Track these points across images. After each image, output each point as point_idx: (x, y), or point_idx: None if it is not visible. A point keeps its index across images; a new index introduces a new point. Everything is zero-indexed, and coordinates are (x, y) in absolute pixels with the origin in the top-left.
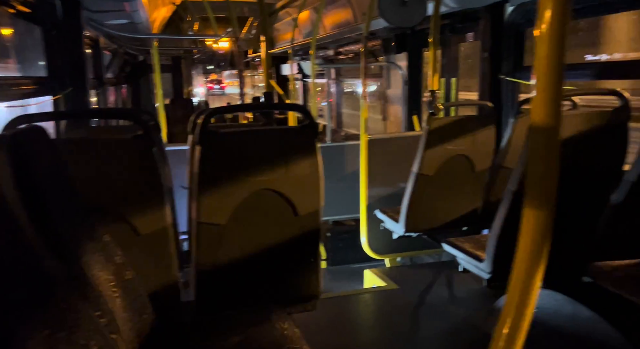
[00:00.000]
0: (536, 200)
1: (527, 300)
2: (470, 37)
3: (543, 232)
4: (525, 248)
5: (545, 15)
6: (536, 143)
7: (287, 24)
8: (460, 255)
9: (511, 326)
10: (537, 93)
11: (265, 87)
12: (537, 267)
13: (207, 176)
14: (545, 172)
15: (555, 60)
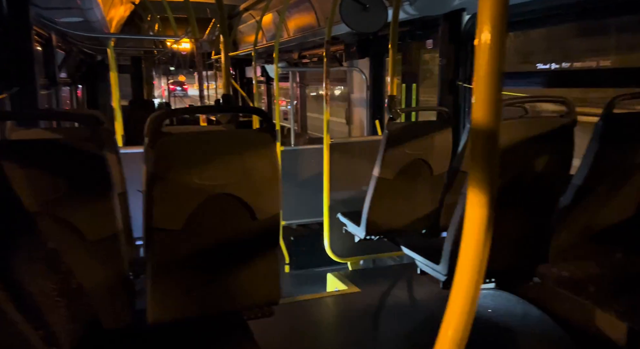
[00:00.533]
0: (476, 204)
1: (470, 301)
2: (429, 44)
3: (484, 235)
4: (467, 250)
5: (483, 26)
6: (476, 148)
7: (251, 26)
8: (418, 258)
9: (455, 327)
10: (476, 101)
11: (224, 89)
12: (479, 268)
13: (160, 180)
14: (485, 175)
15: (494, 69)
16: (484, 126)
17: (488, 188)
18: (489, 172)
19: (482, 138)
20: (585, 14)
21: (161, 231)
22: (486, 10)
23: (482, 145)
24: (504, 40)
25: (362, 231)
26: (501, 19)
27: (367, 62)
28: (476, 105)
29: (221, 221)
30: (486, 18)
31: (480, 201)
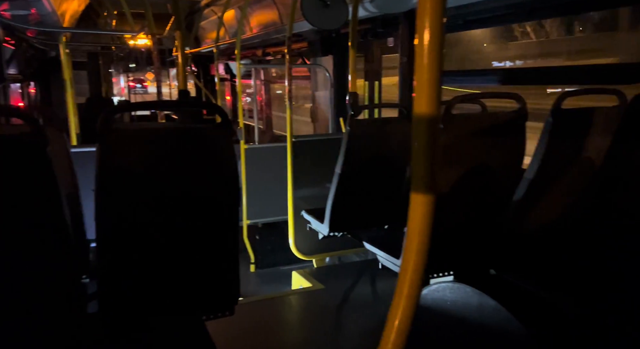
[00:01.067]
0: (419, 199)
1: (413, 292)
2: (391, 42)
3: (425, 227)
4: (410, 243)
5: (423, 27)
6: (418, 144)
7: (213, 23)
8: (379, 253)
9: (400, 318)
10: (416, 98)
11: (180, 85)
12: (422, 260)
13: (110, 179)
14: (426, 170)
15: (433, 68)
16: (424, 123)
17: (428, 182)
18: (429, 167)
19: (423, 134)
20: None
21: (112, 231)
22: (424, 11)
23: (423, 140)
24: (442, 40)
25: (326, 228)
26: (439, 19)
27: (330, 59)
28: (416, 102)
29: (176, 220)
30: (425, 18)
31: (421, 199)
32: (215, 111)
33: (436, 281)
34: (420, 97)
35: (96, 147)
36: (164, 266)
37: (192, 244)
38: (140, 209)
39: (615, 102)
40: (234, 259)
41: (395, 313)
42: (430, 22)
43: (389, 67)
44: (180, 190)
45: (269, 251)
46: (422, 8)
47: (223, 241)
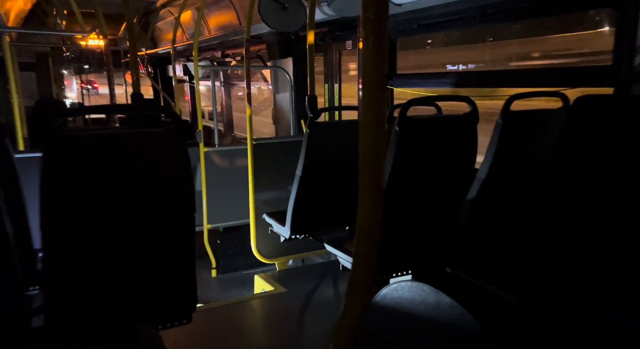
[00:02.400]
0: (365, 205)
1: (364, 291)
2: (349, 45)
3: (372, 234)
4: (358, 249)
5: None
6: (363, 154)
7: (171, 24)
8: (340, 254)
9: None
10: (362, 105)
11: (133, 88)
12: (372, 259)
13: (56, 186)
14: (373, 172)
15: (377, 73)
16: (370, 125)
17: (376, 184)
18: (376, 178)
19: (368, 144)
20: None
21: (58, 240)
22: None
23: (370, 142)
24: (385, 45)
25: (287, 231)
26: (381, 25)
27: (290, 61)
28: (363, 105)
29: (126, 228)
30: (368, 24)
31: (369, 204)
32: (167, 114)
33: (395, 280)
34: (366, 100)
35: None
36: (115, 275)
37: (145, 251)
38: (88, 216)
39: (560, 104)
40: (190, 265)
41: (347, 313)
42: (373, 27)
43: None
44: (131, 196)
45: (231, 256)
46: (365, 13)
47: (178, 247)
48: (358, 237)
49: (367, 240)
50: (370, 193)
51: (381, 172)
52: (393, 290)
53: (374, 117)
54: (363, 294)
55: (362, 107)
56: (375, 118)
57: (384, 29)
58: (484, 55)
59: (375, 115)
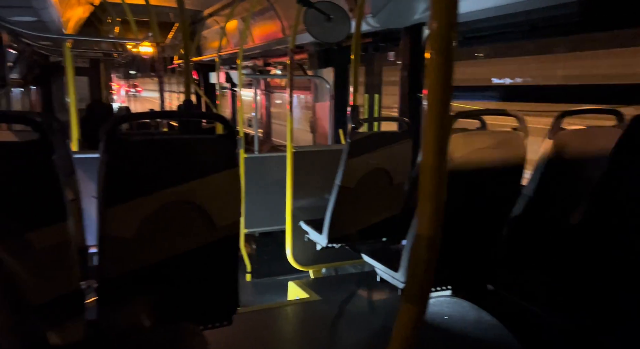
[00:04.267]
0: (426, 214)
1: (420, 307)
2: (391, 56)
3: (432, 244)
4: (416, 259)
5: (434, 41)
6: (425, 162)
7: (215, 32)
8: (378, 265)
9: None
10: (426, 115)
11: (185, 95)
12: (429, 276)
13: (114, 187)
14: (434, 186)
15: (443, 84)
16: (434, 138)
17: (436, 198)
18: (438, 187)
19: (432, 150)
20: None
21: (114, 239)
22: (436, 27)
23: (431, 159)
24: (451, 57)
25: (324, 239)
26: (449, 36)
27: (330, 71)
28: (428, 118)
29: (177, 229)
30: (435, 35)
31: (430, 214)
32: (221, 122)
33: (434, 295)
34: (431, 113)
35: (100, 155)
36: (164, 275)
37: (193, 252)
38: (142, 216)
39: (614, 122)
40: (233, 269)
41: (401, 327)
42: (440, 38)
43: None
44: (183, 199)
45: (265, 261)
46: (433, 24)
47: (224, 250)
48: (416, 245)
49: (426, 249)
50: (432, 202)
51: (443, 182)
52: (431, 305)
53: (437, 128)
54: (420, 302)
55: (426, 118)
56: (439, 128)
57: (451, 40)
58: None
59: (439, 126)
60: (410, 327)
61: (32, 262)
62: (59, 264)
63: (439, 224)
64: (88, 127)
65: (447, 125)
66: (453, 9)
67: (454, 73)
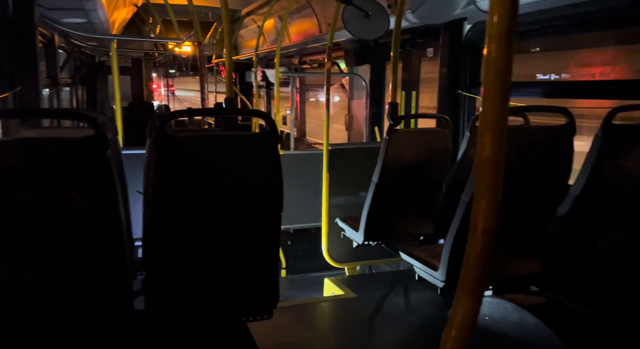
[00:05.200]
0: (482, 211)
1: (473, 308)
2: (430, 52)
3: (488, 242)
4: (471, 258)
5: (493, 34)
6: (482, 157)
7: (252, 31)
8: (416, 264)
9: (456, 334)
10: (483, 109)
11: (228, 92)
12: (482, 277)
13: (163, 182)
14: (491, 184)
15: (502, 78)
16: (491, 134)
17: (493, 197)
18: (495, 181)
19: (490, 146)
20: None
21: (161, 233)
22: (495, 21)
23: (489, 154)
24: (511, 52)
25: (361, 237)
26: (510, 27)
27: (367, 68)
28: (483, 111)
29: (221, 224)
30: (495, 26)
31: (485, 212)
32: (264, 119)
33: None
34: (487, 109)
35: (148, 151)
36: (209, 268)
37: (236, 247)
38: (189, 212)
39: None
40: (274, 263)
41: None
42: (499, 32)
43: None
44: (227, 194)
45: (300, 257)
46: (493, 17)
47: (266, 245)
48: (472, 239)
49: (481, 247)
50: (488, 199)
51: (500, 176)
52: None
53: (495, 123)
54: (473, 303)
55: (481, 119)
56: (497, 124)
57: (510, 35)
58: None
59: (497, 121)
60: (463, 329)
61: (85, 254)
62: (111, 256)
63: (496, 222)
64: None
65: (505, 120)
66: (515, 2)
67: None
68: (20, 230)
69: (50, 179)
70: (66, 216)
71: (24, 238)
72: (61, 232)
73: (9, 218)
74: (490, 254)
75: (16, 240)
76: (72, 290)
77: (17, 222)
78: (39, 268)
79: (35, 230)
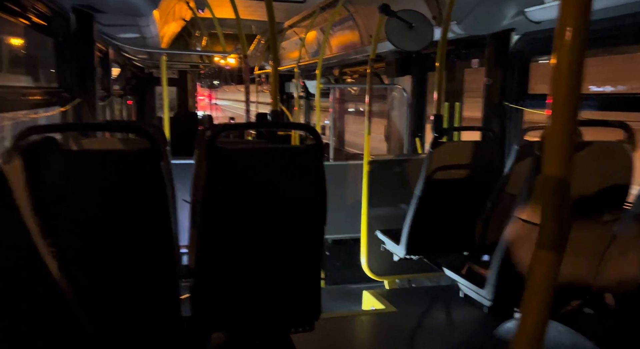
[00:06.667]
0: (548, 236)
1: (537, 335)
2: (475, 63)
3: (552, 269)
4: (536, 280)
5: (562, 42)
6: (548, 175)
7: (294, 43)
8: (462, 281)
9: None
10: (551, 123)
11: (273, 105)
12: (549, 301)
13: (213, 193)
14: (557, 205)
15: (571, 89)
16: (558, 149)
17: (560, 216)
18: (562, 199)
19: (556, 164)
20: None
21: (209, 241)
22: (565, 29)
23: (556, 171)
24: (582, 63)
25: (402, 250)
26: (581, 34)
27: (408, 79)
28: (552, 128)
29: (266, 235)
30: (565, 33)
31: (551, 235)
32: (310, 133)
33: None
34: (555, 122)
35: (197, 162)
36: (254, 278)
37: (281, 258)
38: (236, 222)
39: None
40: (317, 275)
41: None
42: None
43: None
44: (273, 206)
45: (338, 268)
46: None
47: (309, 257)
48: (537, 260)
49: (546, 269)
50: (555, 219)
51: (567, 195)
52: None
53: (563, 138)
54: (542, 321)
55: (549, 127)
56: (565, 139)
57: (583, 45)
58: None
59: (565, 136)
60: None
61: (138, 261)
62: (162, 263)
63: (564, 243)
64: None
65: (574, 136)
66: (587, 10)
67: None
68: (83, 237)
69: (109, 188)
70: (122, 224)
71: (85, 245)
72: (117, 239)
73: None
74: (556, 276)
75: (77, 246)
76: (126, 296)
77: (80, 229)
78: (94, 274)
79: (94, 236)
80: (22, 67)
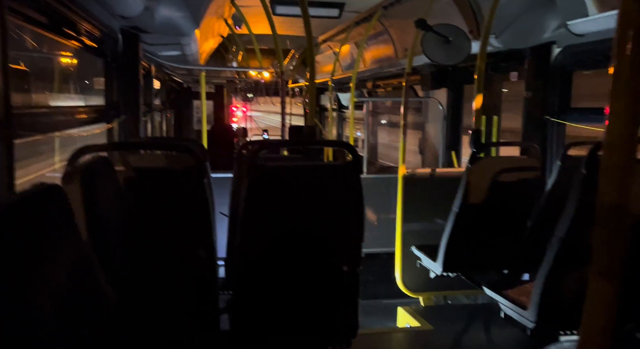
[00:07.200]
0: (603, 262)
1: None
2: (514, 76)
3: (610, 297)
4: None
5: (623, 49)
6: (606, 195)
7: (327, 57)
8: (502, 301)
9: None
10: (609, 138)
11: (309, 121)
12: (610, 329)
13: (252, 208)
14: (615, 231)
15: (632, 101)
16: (616, 169)
17: (619, 237)
18: (619, 223)
19: (613, 183)
20: None
21: (248, 255)
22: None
23: (613, 192)
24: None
25: (439, 267)
26: None
27: (443, 92)
28: (608, 142)
29: (305, 250)
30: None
31: (609, 264)
32: (349, 150)
33: (567, 339)
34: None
35: (235, 177)
36: (291, 293)
37: (319, 273)
38: (275, 237)
39: None
40: (355, 292)
41: None
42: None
43: None
44: (311, 221)
45: (371, 283)
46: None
47: (347, 272)
48: (596, 285)
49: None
50: (610, 236)
51: (625, 215)
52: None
53: (620, 155)
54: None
55: (606, 149)
56: (622, 156)
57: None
58: None
59: (625, 155)
60: None
61: (181, 275)
62: (203, 275)
63: (623, 267)
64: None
65: (635, 155)
66: None
67: None
68: (131, 251)
69: (158, 204)
70: (168, 238)
71: (132, 259)
72: (163, 253)
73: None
74: (614, 304)
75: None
76: (169, 308)
77: (129, 244)
78: (140, 289)
79: (142, 251)
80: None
